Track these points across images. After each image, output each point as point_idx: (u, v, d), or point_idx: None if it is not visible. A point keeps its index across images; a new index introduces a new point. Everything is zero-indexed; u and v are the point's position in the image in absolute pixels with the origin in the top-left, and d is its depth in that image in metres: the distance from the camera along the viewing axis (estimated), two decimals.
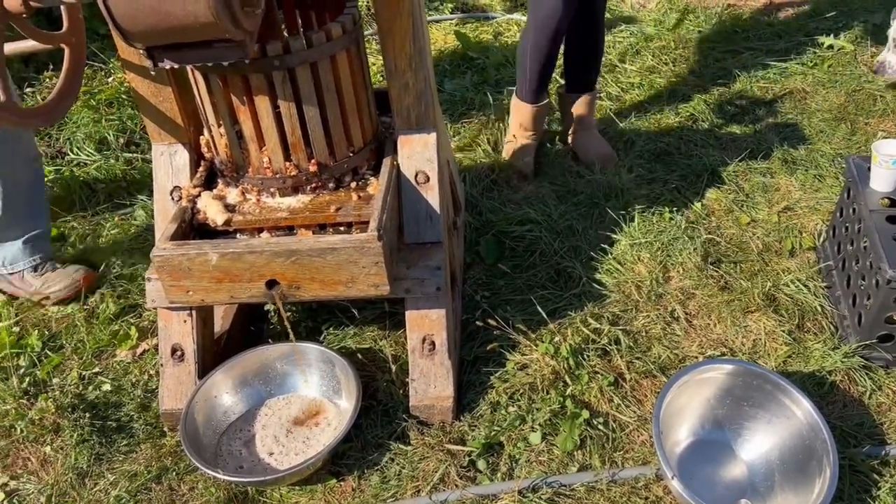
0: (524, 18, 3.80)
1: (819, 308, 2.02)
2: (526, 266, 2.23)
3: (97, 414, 1.87)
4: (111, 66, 3.27)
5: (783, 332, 1.95)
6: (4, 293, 2.26)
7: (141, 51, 1.35)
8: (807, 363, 1.87)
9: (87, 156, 2.83)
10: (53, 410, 1.85)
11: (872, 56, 3.21)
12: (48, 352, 2.07)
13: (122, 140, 2.91)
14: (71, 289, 2.18)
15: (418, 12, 1.58)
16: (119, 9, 1.23)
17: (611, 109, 3.00)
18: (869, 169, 1.97)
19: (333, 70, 1.60)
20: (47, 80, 3.17)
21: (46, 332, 2.14)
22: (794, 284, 2.09)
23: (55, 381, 1.98)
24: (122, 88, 3.06)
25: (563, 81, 2.76)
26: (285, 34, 1.88)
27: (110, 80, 3.20)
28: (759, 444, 1.66)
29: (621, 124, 2.88)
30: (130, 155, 2.87)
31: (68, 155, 2.85)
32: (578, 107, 2.69)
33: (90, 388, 1.95)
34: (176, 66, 1.38)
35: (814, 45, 3.33)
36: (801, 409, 1.59)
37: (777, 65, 3.20)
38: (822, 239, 2.24)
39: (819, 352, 1.89)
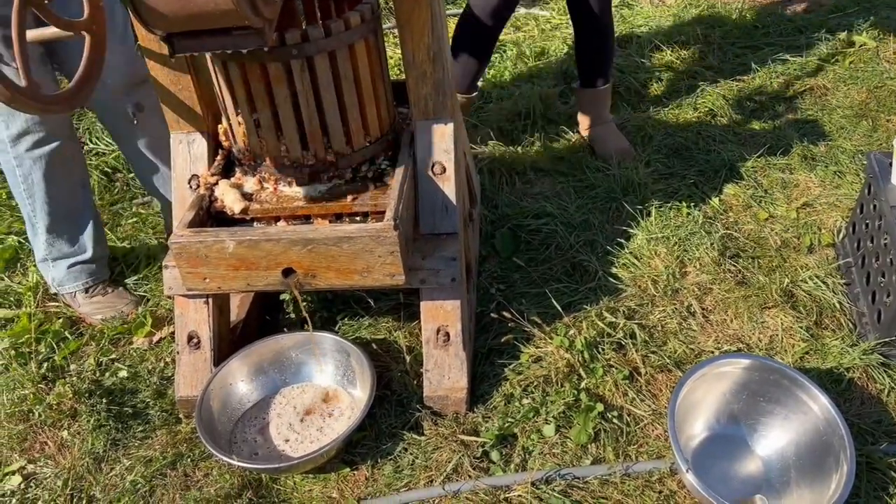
0: (544, 13, 3.79)
1: (837, 305, 2.00)
2: (541, 259, 2.22)
3: (114, 400, 1.89)
4: None
5: (801, 328, 1.93)
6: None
7: (160, 38, 1.35)
8: (824, 360, 1.85)
9: (106, 145, 2.85)
10: (71, 396, 1.87)
11: (895, 53, 3.17)
12: (68, 336, 2.09)
13: None
14: (116, 320, 2.14)
15: (437, 3, 1.58)
16: None
17: (629, 104, 2.98)
18: (890, 165, 1.95)
19: (351, 59, 1.60)
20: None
21: (68, 320, 2.16)
22: (813, 281, 2.07)
23: (73, 366, 2.00)
24: None
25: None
26: (304, 23, 1.89)
27: None
28: (775, 440, 1.65)
29: (640, 119, 2.86)
30: None
31: (87, 144, 2.88)
32: (592, 101, 2.69)
33: (107, 374, 1.97)
34: (195, 54, 1.38)
35: (835, 40, 3.30)
36: (819, 404, 1.58)
37: (797, 60, 3.17)
38: (841, 236, 2.22)
39: (837, 348, 1.87)
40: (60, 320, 2.14)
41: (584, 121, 2.76)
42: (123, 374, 1.96)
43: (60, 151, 2.02)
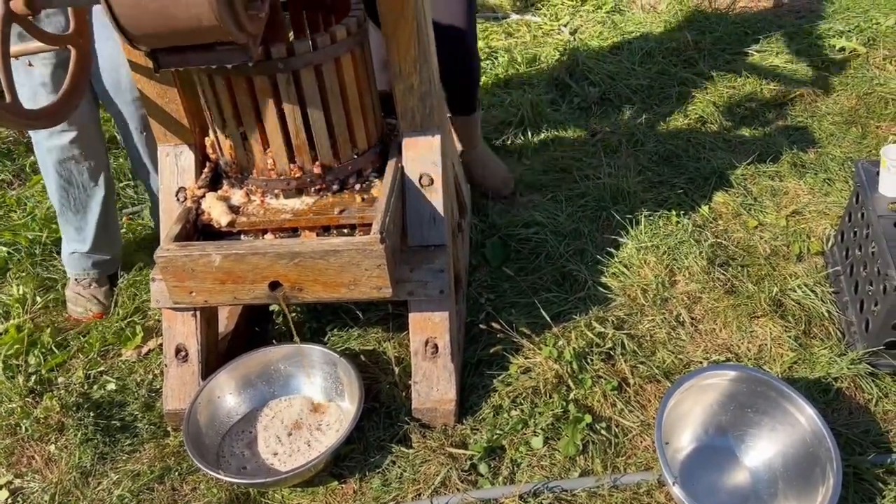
0: (536, 19, 3.80)
1: (826, 314, 2.01)
2: (531, 269, 2.22)
3: (101, 413, 1.88)
4: None
5: (789, 337, 1.93)
6: None
7: (145, 54, 1.35)
8: (813, 369, 1.86)
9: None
10: (58, 409, 1.86)
11: (884, 59, 3.18)
12: (55, 349, 2.08)
13: None
14: (83, 316, 2.23)
15: (422, 15, 1.58)
16: (123, 11, 1.23)
17: (620, 111, 2.98)
18: (878, 173, 1.95)
19: (338, 72, 1.60)
20: None
21: (57, 331, 2.15)
22: (802, 289, 2.07)
23: (60, 379, 1.99)
24: None
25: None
26: (292, 36, 1.89)
27: None
28: (762, 451, 1.65)
29: (630, 126, 2.86)
30: None
31: None
32: (458, 129, 2.52)
33: (95, 387, 1.97)
34: (180, 69, 1.38)
35: (825, 47, 3.31)
36: (805, 416, 1.58)
37: (787, 67, 3.18)
38: (830, 244, 2.22)
39: (825, 358, 1.87)
40: (49, 330, 2.13)
41: (460, 146, 2.58)
42: (111, 386, 1.96)
43: (77, 140, 2.08)
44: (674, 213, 2.35)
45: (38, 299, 2.27)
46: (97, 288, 2.26)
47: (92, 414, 1.86)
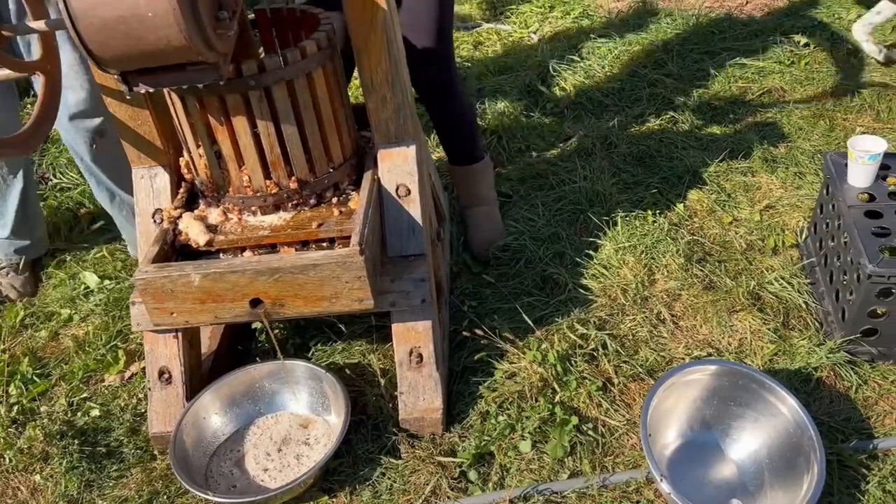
0: (505, 27, 3.83)
1: (803, 305, 2.04)
2: (512, 274, 2.24)
3: (86, 440, 1.86)
4: None
5: (769, 330, 1.96)
6: None
7: (116, 76, 1.35)
8: (793, 360, 1.88)
9: (70, 180, 2.82)
10: (42, 438, 1.84)
11: (848, 53, 3.24)
12: (36, 378, 2.06)
13: None
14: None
15: (391, 27, 1.59)
16: (91, 35, 1.23)
17: (592, 115, 3.01)
18: (846, 165, 1.99)
19: (310, 87, 1.61)
20: (29, 105, 3.16)
21: (36, 360, 2.13)
22: (779, 282, 2.10)
23: (43, 408, 1.97)
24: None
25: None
26: (262, 53, 1.89)
27: None
28: (747, 444, 1.67)
29: (603, 129, 2.89)
30: None
31: (52, 180, 2.85)
32: (459, 179, 2.42)
33: (79, 414, 1.94)
34: (151, 90, 1.38)
35: (790, 43, 3.37)
36: (787, 406, 1.60)
37: (755, 64, 3.23)
38: (804, 236, 2.26)
39: (805, 348, 1.90)
40: (27, 359, 2.11)
41: (460, 197, 2.46)
42: (95, 412, 1.94)
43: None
44: (650, 212, 2.38)
45: None
46: (14, 276, 2.38)
47: (76, 441, 1.84)
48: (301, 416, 1.85)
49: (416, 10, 1.95)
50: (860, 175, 1.95)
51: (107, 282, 2.38)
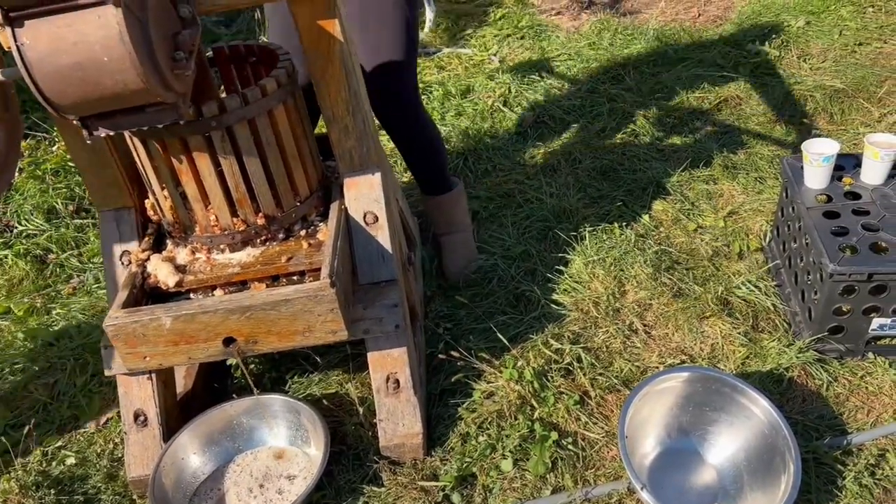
0: (466, 51, 3.88)
1: (771, 307, 2.08)
2: (485, 294, 2.25)
3: (63, 489, 1.83)
4: (54, 135, 3.25)
5: (739, 333, 1.99)
6: None
7: (75, 121, 1.35)
8: (764, 362, 1.91)
9: (35, 227, 2.80)
10: (17, 490, 1.81)
11: (798, 58, 3.33)
12: (9, 431, 2.02)
13: (71, 207, 2.89)
14: None
15: (349, 57, 1.61)
16: (47, 83, 1.23)
17: (555, 132, 3.06)
18: (802, 168, 2.04)
19: (272, 124, 1.62)
20: None
21: (8, 412, 2.10)
22: (746, 286, 2.14)
23: (17, 460, 1.93)
24: (68, 156, 3.04)
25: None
26: (223, 91, 1.90)
27: (55, 148, 3.18)
28: (724, 448, 1.69)
29: (566, 146, 2.93)
30: (81, 221, 2.85)
31: (17, 227, 2.82)
32: (433, 209, 2.42)
33: (54, 463, 1.91)
34: (111, 134, 1.38)
35: (742, 52, 3.45)
36: (760, 407, 1.63)
37: (710, 75, 3.30)
38: (767, 239, 2.31)
39: (775, 350, 1.94)
40: None
41: (435, 225, 2.46)
42: (71, 460, 1.91)
43: None
44: (616, 225, 2.41)
45: None
46: None
47: (53, 491, 1.81)
48: (281, 450, 1.84)
49: (378, 39, 1.98)
50: (816, 177, 2.00)
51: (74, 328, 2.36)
